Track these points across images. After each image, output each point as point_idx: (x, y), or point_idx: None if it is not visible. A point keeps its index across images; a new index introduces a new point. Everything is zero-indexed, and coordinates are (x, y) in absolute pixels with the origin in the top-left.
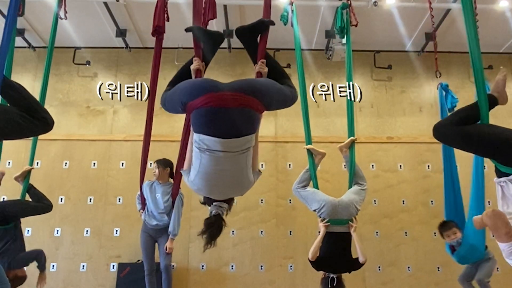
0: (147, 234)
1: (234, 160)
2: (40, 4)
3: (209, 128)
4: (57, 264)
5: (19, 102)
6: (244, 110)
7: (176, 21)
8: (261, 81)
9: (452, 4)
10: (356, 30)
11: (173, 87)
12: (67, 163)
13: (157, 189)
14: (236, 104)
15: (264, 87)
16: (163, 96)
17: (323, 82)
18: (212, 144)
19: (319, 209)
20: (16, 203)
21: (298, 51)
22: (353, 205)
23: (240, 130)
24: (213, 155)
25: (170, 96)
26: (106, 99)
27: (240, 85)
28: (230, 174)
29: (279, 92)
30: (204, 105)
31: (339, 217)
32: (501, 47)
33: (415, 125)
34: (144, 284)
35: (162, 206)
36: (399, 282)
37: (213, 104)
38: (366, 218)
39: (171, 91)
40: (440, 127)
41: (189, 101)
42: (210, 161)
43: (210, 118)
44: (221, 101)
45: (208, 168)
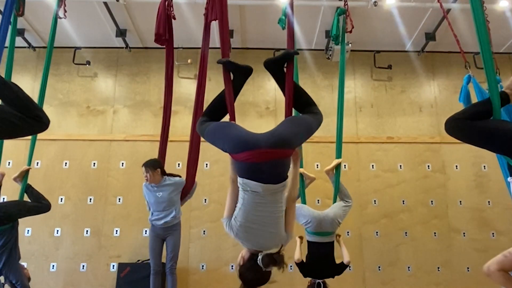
0: (155, 234)
1: (273, 199)
2: (40, 4)
3: (250, 175)
4: (57, 264)
5: (14, 102)
6: (279, 161)
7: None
8: (292, 132)
9: (452, 4)
10: (356, 30)
11: (212, 122)
12: (67, 163)
13: (156, 188)
14: (273, 157)
15: (295, 136)
16: (201, 127)
17: (323, 82)
18: (253, 186)
19: (306, 223)
20: (14, 204)
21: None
22: (336, 219)
23: (277, 177)
24: (255, 192)
25: (213, 135)
26: (106, 99)
27: (275, 142)
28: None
29: (308, 131)
30: (245, 160)
31: (323, 230)
32: (501, 47)
33: (415, 125)
34: (144, 284)
35: (166, 203)
36: (399, 282)
37: (253, 160)
38: (366, 218)
39: (213, 131)
40: (453, 121)
41: (231, 153)
42: (252, 199)
43: (251, 170)
44: (260, 157)
45: (250, 205)
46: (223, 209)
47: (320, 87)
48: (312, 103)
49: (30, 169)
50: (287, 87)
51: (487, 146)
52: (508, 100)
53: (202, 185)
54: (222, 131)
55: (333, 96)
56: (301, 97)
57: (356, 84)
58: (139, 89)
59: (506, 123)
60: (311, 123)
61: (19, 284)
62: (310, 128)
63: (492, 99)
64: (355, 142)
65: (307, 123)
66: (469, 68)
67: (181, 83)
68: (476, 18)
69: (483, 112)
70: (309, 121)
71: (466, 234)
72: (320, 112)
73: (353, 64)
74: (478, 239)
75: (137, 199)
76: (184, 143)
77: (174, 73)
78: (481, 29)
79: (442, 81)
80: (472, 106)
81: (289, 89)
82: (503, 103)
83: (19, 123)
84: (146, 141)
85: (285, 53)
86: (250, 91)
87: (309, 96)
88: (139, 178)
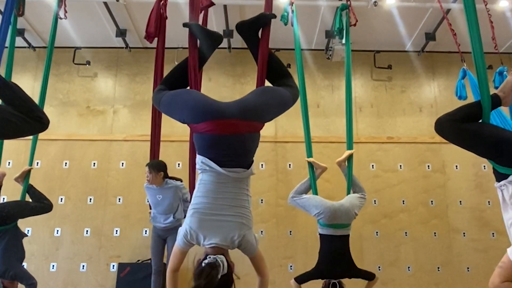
0: (156, 234)
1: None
2: (40, 4)
3: (212, 154)
4: (57, 264)
5: (15, 102)
6: (246, 136)
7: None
8: (263, 101)
9: (452, 4)
10: (356, 30)
11: (169, 91)
12: (67, 163)
13: (156, 191)
14: (239, 130)
15: (265, 107)
16: (157, 96)
17: (323, 82)
18: (214, 166)
19: (318, 214)
20: (16, 204)
21: (298, 52)
22: (353, 210)
23: (241, 158)
24: (215, 172)
25: (169, 103)
26: (106, 99)
27: (239, 110)
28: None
29: (281, 104)
30: (205, 131)
31: (338, 221)
32: (501, 47)
33: (415, 125)
34: (144, 284)
35: (165, 207)
36: (399, 282)
37: (215, 132)
38: (366, 218)
39: (170, 98)
40: (442, 122)
41: (190, 123)
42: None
43: (212, 145)
44: (223, 129)
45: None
46: None
47: (320, 87)
48: (288, 74)
49: (31, 170)
50: (260, 55)
51: (472, 149)
52: (500, 103)
53: None
54: (179, 97)
55: (333, 96)
56: (276, 68)
57: (356, 84)
58: (139, 89)
59: (492, 128)
60: (285, 96)
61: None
62: (284, 101)
63: (482, 102)
64: (355, 142)
65: (281, 95)
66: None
67: None
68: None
69: (473, 114)
70: (283, 93)
71: (466, 234)
72: (297, 86)
73: (353, 64)
74: (478, 239)
75: (137, 199)
76: (184, 143)
77: None
78: (473, 28)
79: (442, 81)
80: (463, 107)
81: (262, 57)
82: (494, 106)
83: (19, 123)
84: (146, 141)
85: (260, 15)
86: (250, 91)
87: (285, 67)
88: (139, 178)
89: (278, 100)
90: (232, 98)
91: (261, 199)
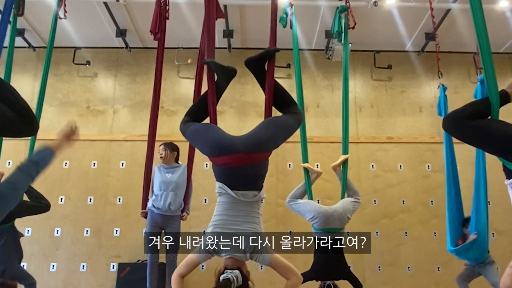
0: (154, 223)
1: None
2: (40, 4)
3: (228, 181)
4: (57, 264)
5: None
6: (256, 164)
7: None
8: (269, 135)
9: (452, 4)
10: (356, 30)
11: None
12: (67, 163)
13: (166, 170)
14: (250, 161)
15: (273, 139)
16: (183, 127)
17: (323, 82)
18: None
19: (312, 218)
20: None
21: (296, 53)
22: (346, 215)
23: (254, 183)
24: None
25: (193, 137)
26: (106, 99)
27: (251, 146)
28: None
29: (287, 132)
30: (223, 164)
31: (331, 226)
32: (501, 47)
33: (415, 125)
34: (145, 284)
35: (173, 184)
36: (399, 282)
37: (230, 165)
38: (366, 218)
39: (193, 132)
40: (450, 119)
41: (210, 157)
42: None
43: (229, 174)
44: (237, 162)
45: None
46: None
47: (320, 87)
48: (292, 102)
49: None
50: (267, 86)
51: (481, 146)
52: (509, 99)
53: (202, 185)
54: (200, 135)
55: (333, 96)
56: (281, 96)
57: (356, 84)
58: (139, 89)
59: (501, 124)
60: (290, 124)
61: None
62: (289, 129)
63: (490, 98)
64: (355, 142)
65: (286, 125)
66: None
67: (181, 83)
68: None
69: (481, 111)
70: (289, 122)
71: None
72: (301, 112)
73: (353, 64)
74: None
75: (137, 199)
76: (184, 143)
77: (174, 73)
78: (481, 28)
79: (442, 81)
80: (471, 104)
81: (269, 88)
82: (502, 102)
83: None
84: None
85: (266, 51)
86: (250, 91)
87: (290, 96)
88: (139, 178)
89: (284, 130)
90: (232, 98)
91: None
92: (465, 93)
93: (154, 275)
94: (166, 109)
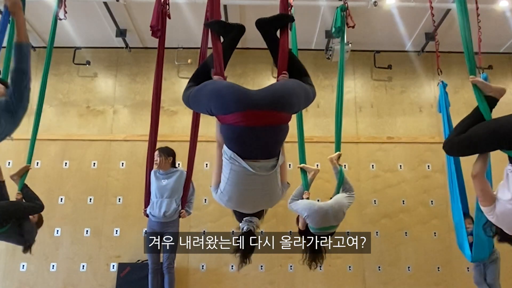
0: (152, 230)
1: (265, 180)
2: (40, 4)
3: (241, 147)
4: (57, 264)
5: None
6: (275, 127)
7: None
8: (291, 89)
9: (452, 4)
10: (356, 30)
11: (197, 85)
12: (67, 163)
13: (162, 176)
14: (268, 122)
15: (297, 97)
16: (186, 93)
17: (323, 82)
18: (244, 164)
19: (307, 216)
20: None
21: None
22: (342, 211)
23: (272, 150)
24: (244, 171)
25: (196, 97)
26: (106, 99)
27: (272, 100)
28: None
29: (306, 95)
30: (235, 123)
31: (326, 224)
32: (501, 47)
33: (415, 125)
34: (144, 284)
35: (169, 191)
36: (399, 282)
37: (244, 124)
38: (366, 218)
39: (196, 91)
40: (445, 143)
41: (218, 114)
42: (241, 177)
43: (241, 137)
44: (253, 120)
45: (239, 183)
46: (223, 209)
47: (320, 87)
48: (307, 74)
49: (30, 169)
50: (281, 52)
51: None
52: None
53: (202, 185)
54: (205, 88)
55: (333, 96)
56: (296, 66)
57: (356, 84)
58: (139, 89)
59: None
60: (309, 91)
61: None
62: (308, 95)
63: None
64: (355, 142)
65: (305, 88)
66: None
67: (181, 83)
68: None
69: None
70: (307, 88)
71: None
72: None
73: (353, 64)
74: None
75: (137, 199)
76: (184, 143)
77: (174, 73)
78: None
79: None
80: (461, 122)
81: (283, 54)
82: (492, 106)
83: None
84: (146, 141)
85: (282, 14)
86: None
87: (304, 67)
88: (139, 178)
89: (304, 93)
90: None
91: None
92: (465, 93)
93: (156, 283)
94: (166, 109)
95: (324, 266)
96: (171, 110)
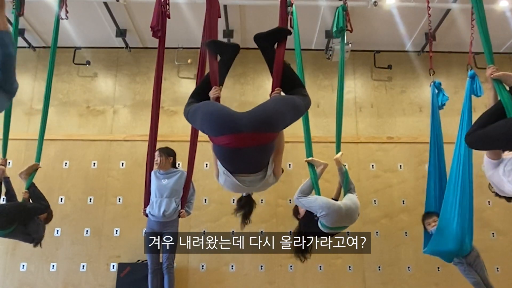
0: (151, 230)
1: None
2: (40, 4)
3: (230, 165)
4: (57, 264)
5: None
6: (260, 147)
7: (176, 21)
8: (277, 111)
9: (452, 4)
10: (356, 30)
11: (196, 103)
12: (67, 163)
13: (162, 176)
14: (252, 143)
15: (282, 116)
16: (186, 109)
17: (323, 82)
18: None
19: (324, 215)
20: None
21: (298, 53)
22: (357, 212)
23: (259, 166)
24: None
25: (192, 117)
26: (106, 99)
27: (255, 124)
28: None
29: (296, 112)
30: (224, 145)
31: (341, 224)
32: (501, 47)
33: (415, 125)
34: (145, 284)
35: (168, 191)
36: (399, 282)
37: (231, 145)
38: (366, 218)
39: (193, 111)
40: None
41: (209, 135)
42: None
43: (229, 157)
44: (237, 143)
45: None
46: (223, 209)
47: (320, 87)
48: (301, 85)
49: (40, 167)
50: (276, 66)
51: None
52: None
53: (202, 185)
54: (200, 110)
55: (333, 96)
56: (290, 77)
57: (356, 84)
58: (139, 89)
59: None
60: (299, 104)
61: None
62: (298, 109)
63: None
64: (355, 142)
65: (293, 103)
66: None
67: (181, 83)
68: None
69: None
70: (297, 102)
71: None
72: (309, 95)
73: (353, 64)
74: (478, 239)
75: (137, 199)
76: (184, 143)
77: (174, 73)
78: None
79: (442, 81)
80: (483, 115)
81: (277, 68)
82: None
83: None
84: (146, 141)
85: (279, 28)
86: (250, 91)
87: (299, 78)
88: (139, 178)
89: (291, 108)
90: (232, 98)
91: (261, 199)
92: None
93: (156, 283)
94: (166, 109)
95: (324, 266)
96: (171, 110)
